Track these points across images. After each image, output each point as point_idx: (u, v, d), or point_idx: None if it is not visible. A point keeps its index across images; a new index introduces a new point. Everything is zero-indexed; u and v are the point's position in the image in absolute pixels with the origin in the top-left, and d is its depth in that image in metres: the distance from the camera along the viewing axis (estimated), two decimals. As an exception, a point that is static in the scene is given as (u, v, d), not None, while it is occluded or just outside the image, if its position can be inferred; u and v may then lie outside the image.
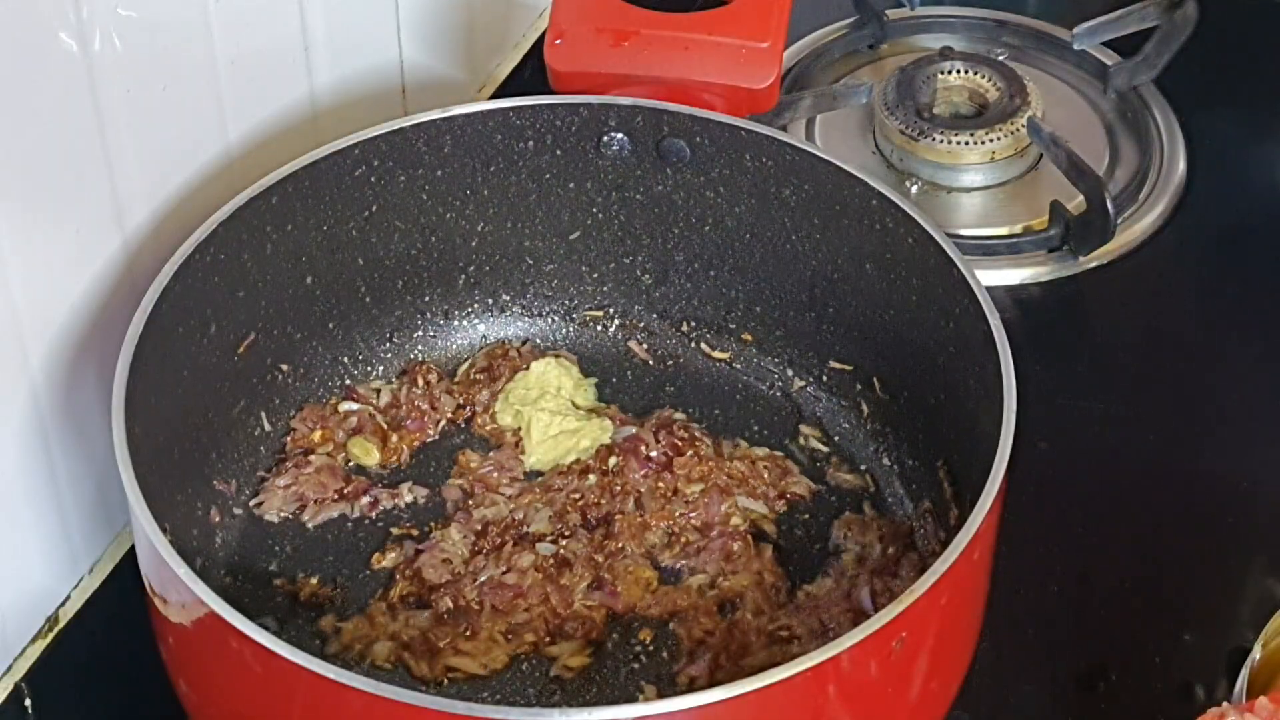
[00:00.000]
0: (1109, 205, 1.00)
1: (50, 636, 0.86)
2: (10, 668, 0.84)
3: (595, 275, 0.94)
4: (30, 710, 0.84)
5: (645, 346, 0.94)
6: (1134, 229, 1.04)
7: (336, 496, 0.88)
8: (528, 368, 0.92)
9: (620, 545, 0.85)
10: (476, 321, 0.94)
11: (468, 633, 0.82)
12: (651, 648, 0.82)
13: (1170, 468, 0.93)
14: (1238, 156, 1.09)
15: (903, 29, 1.14)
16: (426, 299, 0.93)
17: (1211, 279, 1.03)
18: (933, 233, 0.82)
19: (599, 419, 0.90)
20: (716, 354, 0.94)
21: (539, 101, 0.89)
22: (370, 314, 0.92)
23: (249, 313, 0.86)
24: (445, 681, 0.81)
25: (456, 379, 0.93)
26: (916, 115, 1.05)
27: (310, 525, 0.87)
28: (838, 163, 0.86)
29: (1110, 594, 0.88)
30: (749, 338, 0.93)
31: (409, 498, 0.88)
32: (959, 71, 1.08)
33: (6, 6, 0.73)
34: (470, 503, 0.87)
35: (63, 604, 0.86)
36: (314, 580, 0.85)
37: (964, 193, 1.05)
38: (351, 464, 0.89)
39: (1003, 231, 1.03)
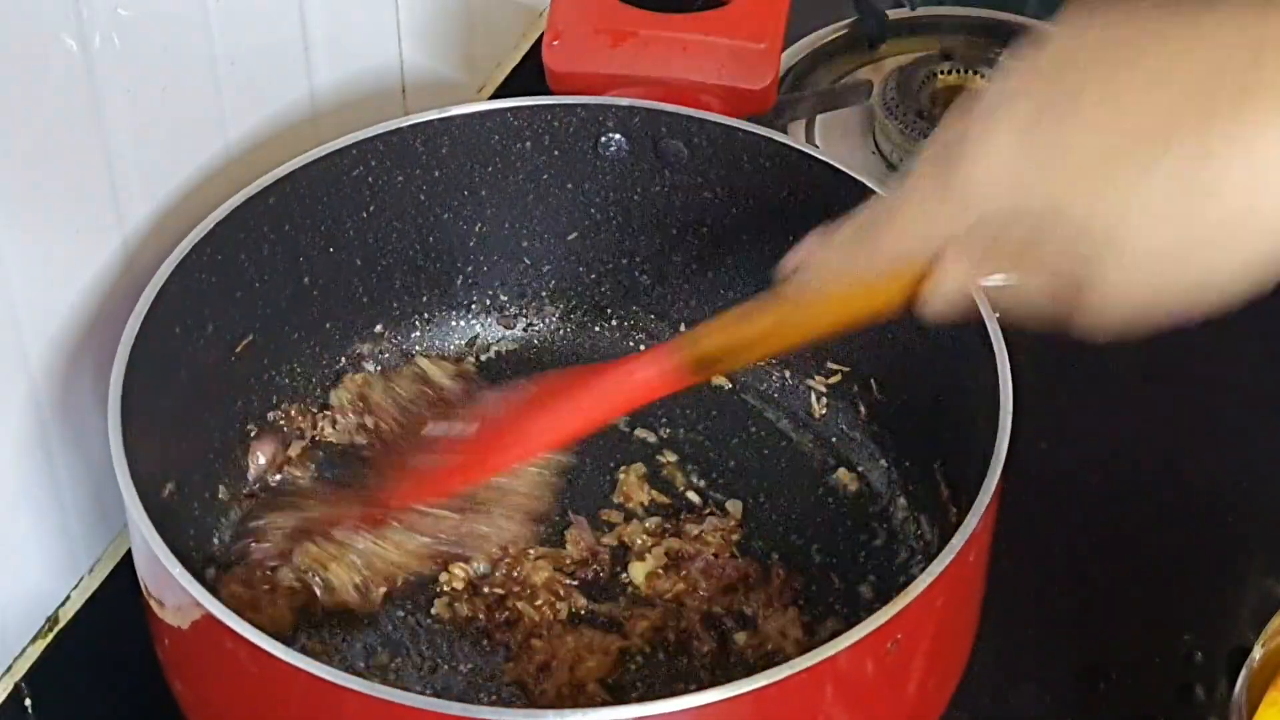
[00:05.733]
0: (1109, 205, 1.00)
1: (50, 636, 0.86)
2: (10, 668, 0.84)
3: (593, 276, 0.94)
4: (30, 710, 0.84)
5: (643, 347, 0.94)
6: (1134, 229, 1.04)
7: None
8: None
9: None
10: (474, 322, 0.94)
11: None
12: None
13: (1170, 467, 0.93)
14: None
15: (903, 29, 1.14)
16: (424, 299, 0.93)
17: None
18: (930, 233, 0.82)
19: None
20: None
21: (536, 102, 0.89)
22: (368, 314, 0.92)
23: (246, 313, 0.86)
24: None
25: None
26: (916, 115, 1.05)
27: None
28: (834, 163, 0.86)
29: (1110, 594, 0.88)
30: (746, 338, 0.93)
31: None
32: (959, 71, 1.08)
33: (7, 6, 0.73)
34: None
35: (63, 604, 0.87)
36: (312, 581, 0.85)
37: (964, 192, 1.05)
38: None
39: (1003, 231, 1.03)
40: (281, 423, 0.88)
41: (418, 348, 0.93)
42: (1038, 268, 0.63)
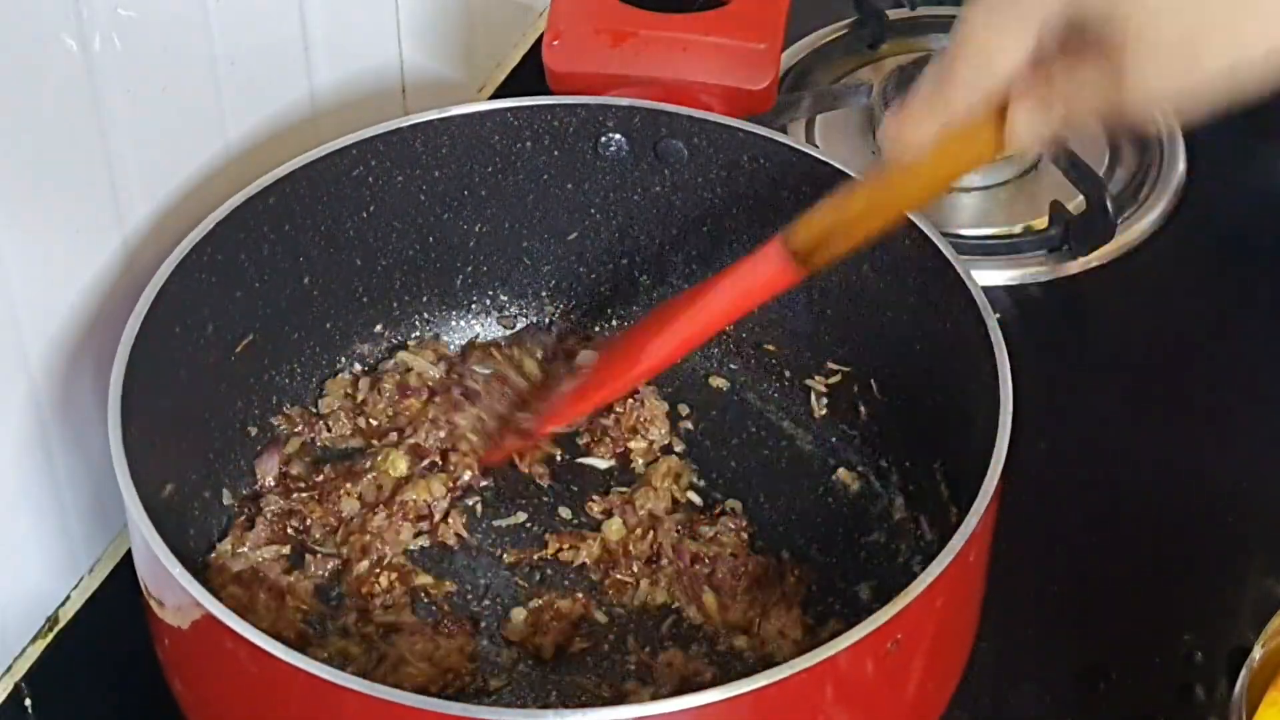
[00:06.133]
0: (1109, 205, 1.00)
1: (50, 636, 0.86)
2: (10, 668, 0.84)
3: (593, 276, 0.94)
4: (30, 710, 0.84)
5: (643, 347, 0.94)
6: (1134, 229, 1.04)
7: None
8: None
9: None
10: (474, 322, 0.94)
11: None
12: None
13: (1170, 467, 0.93)
14: (1238, 156, 1.09)
15: (903, 29, 1.14)
16: (424, 300, 0.93)
17: (1211, 279, 1.03)
18: (930, 234, 0.82)
19: None
20: (714, 355, 0.94)
21: (536, 102, 0.89)
22: (368, 314, 0.92)
23: (246, 313, 0.86)
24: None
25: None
26: (916, 115, 1.05)
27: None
28: (834, 163, 0.86)
29: (1110, 594, 0.88)
30: (746, 339, 0.93)
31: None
32: (959, 71, 1.08)
33: (8, 7, 0.74)
34: None
35: (63, 604, 0.87)
36: (311, 581, 0.85)
37: (964, 192, 1.05)
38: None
39: (1002, 231, 1.03)
40: (282, 428, 0.88)
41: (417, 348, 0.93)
42: (1086, 78, 0.65)
